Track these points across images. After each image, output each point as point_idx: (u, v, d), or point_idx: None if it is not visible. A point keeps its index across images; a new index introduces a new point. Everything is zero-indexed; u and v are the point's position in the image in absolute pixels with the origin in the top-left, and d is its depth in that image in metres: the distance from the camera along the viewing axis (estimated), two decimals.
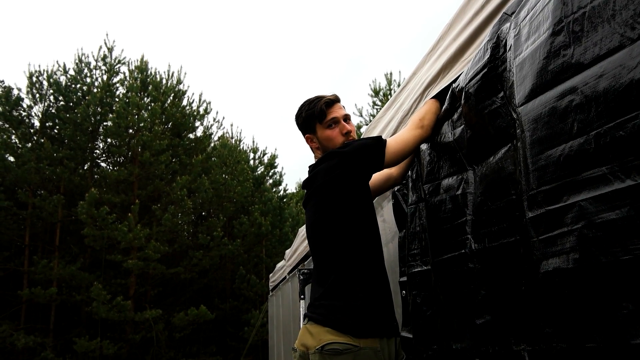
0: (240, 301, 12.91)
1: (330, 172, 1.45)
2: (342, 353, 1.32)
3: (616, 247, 0.75)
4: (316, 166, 1.52)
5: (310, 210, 1.56)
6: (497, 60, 1.14)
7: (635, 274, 0.72)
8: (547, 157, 0.91)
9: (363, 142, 1.47)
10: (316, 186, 1.50)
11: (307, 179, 1.58)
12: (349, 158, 1.44)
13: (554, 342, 0.88)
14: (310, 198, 1.55)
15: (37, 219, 11.98)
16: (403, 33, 77.06)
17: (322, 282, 1.48)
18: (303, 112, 1.63)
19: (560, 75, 0.89)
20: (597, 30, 0.82)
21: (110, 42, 13.17)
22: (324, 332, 1.37)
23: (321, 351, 1.34)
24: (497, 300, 1.13)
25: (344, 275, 1.43)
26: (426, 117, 1.52)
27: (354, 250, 1.45)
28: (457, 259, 1.30)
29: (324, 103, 1.59)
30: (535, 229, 0.94)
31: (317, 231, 1.53)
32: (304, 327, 1.49)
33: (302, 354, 1.44)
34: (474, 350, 1.21)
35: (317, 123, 1.60)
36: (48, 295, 10.45)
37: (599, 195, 0.79)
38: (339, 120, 1.59)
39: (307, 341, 1.43)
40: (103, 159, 13.66)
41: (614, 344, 0.75)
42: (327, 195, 1.47)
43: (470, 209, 1.26)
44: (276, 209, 13.95)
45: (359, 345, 1.33)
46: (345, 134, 1.58)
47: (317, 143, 1.63)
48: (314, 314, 1.45)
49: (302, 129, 1.67)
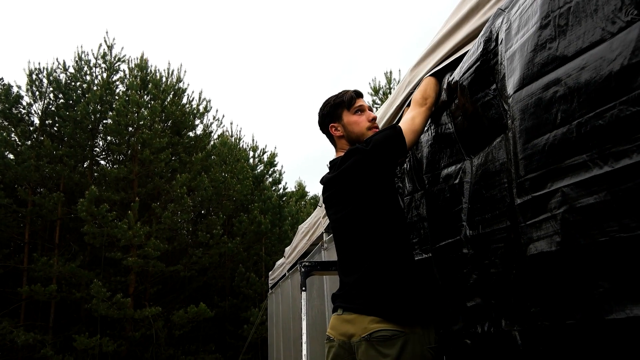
0: (239, 299, 12.96)
1: (357, 168, 1.49)
2: (391, 339, 1.33)
3: (594, 230, 0.79)
4: (343, 161, 1.55)
5: (336, 206, 1.59)
6: (490, 53, 1.18)
7: (611, 254, 0.76)
8: (533, 146, 0.95)
9: (384, 134, 1.51)
10: (345, 182, 1.53)
11: (331, 175, 1.61)
12: (375, 152, 1.48)
13: (539, 321, 0.92)
14: (337, 194, 1.59)
15: (36, 216, 12.01)
16: (404, 32, 77.16)
17: (353, 272, 1.49)
18: (331, 101, 1.71)
19: (545, 67, 0.93)
20: (581, 24, 0.86)
21: (110, 40, 13.22)
22: (368, 320, 1.38)
23: (369, 339, 1.36)
24: (487, 284, 1.17)
25: (381, 263, 1.44)
26: (428, 94, 1.56)
27: (387, 239, 1.47)
28: (453, 245, 1.35)
29: (353, 92, 1.71)
30: (523, 215, 0.98)
31: (347, 224, 1.55)
32: (337, 316, 1.51)
33: (343, 344, 1.45)
34: (464, 331, 1.26)
35: (345, 110, 1.68)
36: (48, 293, 10.49)
37: (580, 182, 0.83)
38: (365, 109, 1.69)
39: (348, 330, 1.44)
40: (103, 157, 13.71)
41: (591, 321, 0.79)
42: (357, 190, 1.51)
43: (467, 197, 1.30)
44: (276, 207, 13.99)
45: (404, 331, 1.35)
46: (371, 120, 1.67)
47: (342, 130, 1.68)
48: (352, 304, 1.46)
49: (328, 119, 1.71)
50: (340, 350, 1.47)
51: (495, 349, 1.14)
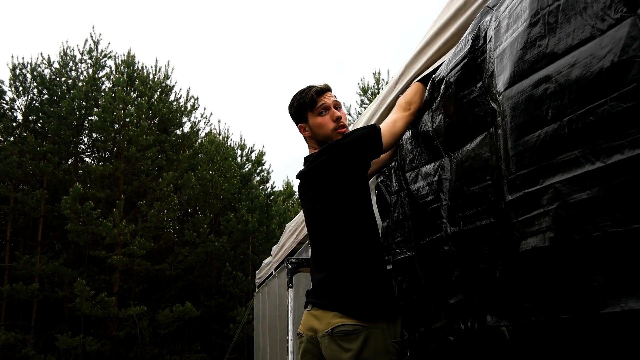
0: (226, 298, 12.88)
1: (332, 163, 1.49)
2: (353, 333, 1.36)
3: (587, 225, 0.80)
4: (316, 158, 1.55)
5: (310, 200, 1.59)
6: (477, 51, 1.19)
7: (605, 248, 0.77)
8: (524, 143, 0.96)
9: (361, 132, 1.51)
10: (318, 177, 1.53)
11: (305, 170, 1.61)
12: (350, 149, 1.48)
13: (533, 316, 0.93)
14: (310, 188, 1.58)
15: (19, 213, 11.80)
16: (393, 32, 77.48)
17: (323, 269, 1.51)
18: (295, 101, 1.67)
19: (536, 65, 0.94)
20: (570, 21, 0.87)
21: (96, 36, 13.02)
22: (332, 316, 1.41)
23: (331, 334, 1.38)
24: (469, 280, 1.18)
25: (347, 260, 1.46)
26: (413, 99, 1.56)
27: (356, 237, 1.49)
28: (434, 243, 1.36)
29: (314, 92, 1.62)
30: (514, 211, 0.98)
31: (319, 220, 1.56)
32: (307, 312, 1.53)
33: (310, 339, 1.48)
34: (447, 328, 1.26)
35: (309, 111, 1.63)
36: (30, 291, 10.30)
37: (572, 177, 0.84)
38: (329, 107, 1.62)
39: (314, 325, 1.46)
40: (88, 154, 13.51)
41: (586, 315, 0.80)
42: (330, 185, 1.51)
43: (446, 194, 1.31)
44: (263, 206, 13.94)
45: (367, 326, 1.37)
46: (335, 120, 1.61)
47: (310, 132, 1.66)
48: (318, 300, 1.49)
49: (295, 119, 1.70)
50: (309, 345, 1.49)
51: (480, 345, 1.14)
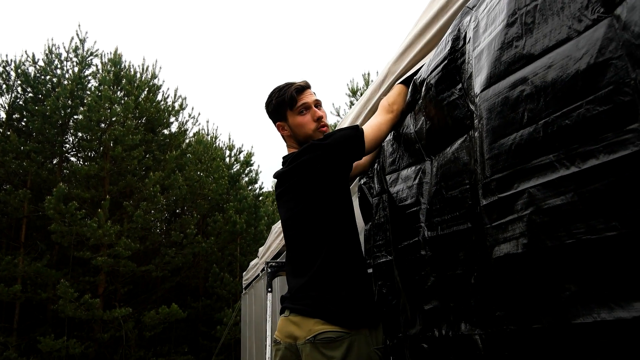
0: (213, 300, 12.77)
1: (313, 164, 1.43)
2: (336, 340, 1.32)
3: (561, 232, 0.77)
4: (297, 158, 1.48)
5: (289, 202, 1.52)
6: (457, 52, 1.16)
7: (578, 256, 0.74)
8: (500, 146, 0.93)
9: (343, 132, 1.46)
10: (299, 178, 1.47)
11: (283, 170, 1.54)
12: (331, 150, 1.42)
13: (504, 325, 0.90)
14: (290, 190, 1.51)
15: (1, 214, 11.58)
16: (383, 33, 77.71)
17: (302, 274, 1.46)
18: (273, 99, 1.60)
19: (512, 66, 0.91)
20: (548, 22, 0.84)
21: (82, 34, 12.83)
22: (313, 322, 1.36)
23: (313, 341, 1.33)
24: (445, 287, 1.15)
25: (329, 266, 1.41)
26: (396, 101, 1.51)
27: (338, 241, 1.44)
28: (411, 247, 1.33)
29: (294, 89, 1.56)
30: (488, 216, 0.96)
31: (298, 222, 1.50)
32: (284, 318, 1.47)
33: (289, 346, 1.42)
34: (421, 335, 1.23)
35: (288, 110, 1.56)
36: (12, 293, 10.08)
37: (546, 182, 0.81)
38: (310, 106, 1.56)
39: (293, 332, 1.41)
40: (73, 154, 13.29)
41: (558, 324, 0.77)
42: (310, 187, 1.45)
43: (426, 197, 1.28)
44: (251, 207, 13.86)
45: (350, 333, 1.33)
46: (317, 119, 1.56)
47: (289, 130, 1.59)
48: (297, 305, 1.43)
49: (273, 117, 1.63)
50: (287, 352, 1.44)
51: (453, 353, 1.11)
